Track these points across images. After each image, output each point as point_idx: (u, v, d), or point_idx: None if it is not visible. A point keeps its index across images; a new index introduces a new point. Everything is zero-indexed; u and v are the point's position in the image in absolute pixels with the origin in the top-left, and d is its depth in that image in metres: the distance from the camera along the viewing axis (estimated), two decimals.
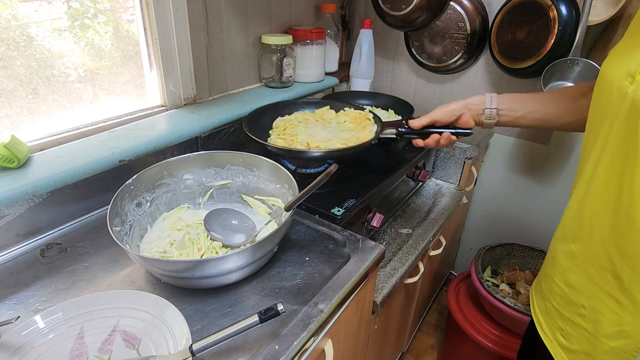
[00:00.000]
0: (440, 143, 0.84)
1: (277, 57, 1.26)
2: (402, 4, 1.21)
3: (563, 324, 0.64)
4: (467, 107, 0.82)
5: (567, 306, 0.63)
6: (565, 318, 0.64)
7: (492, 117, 0.80)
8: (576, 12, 1.15)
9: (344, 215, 0.86)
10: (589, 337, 0.60)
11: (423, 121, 0.84)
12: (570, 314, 0.63)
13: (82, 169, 0.79)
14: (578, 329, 0.62)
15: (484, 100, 0.81)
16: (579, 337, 0.62)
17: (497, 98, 0.80)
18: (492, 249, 1.47)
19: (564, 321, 0.64)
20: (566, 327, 0.64)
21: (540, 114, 0.77)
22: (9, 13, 0.76)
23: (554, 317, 0.67)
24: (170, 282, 0.69)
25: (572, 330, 0.63)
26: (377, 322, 0.99)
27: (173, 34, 1.01)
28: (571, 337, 0.63)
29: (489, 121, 0.81)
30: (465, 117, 0.82)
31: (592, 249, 0.58)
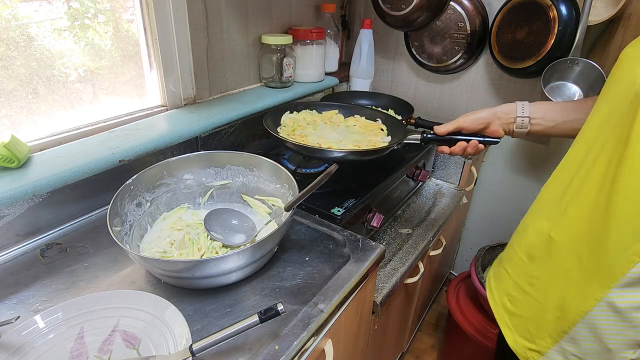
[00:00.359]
0: (467, 151, 0.82)
1: (277, 57, 1.26)
2: (402, 4, 1.21)
3: (513, 290, 0.70)
4: (496, 116, 0.80)
5: (523, 275, 0.68)
6: (517, 285, 0.69)
7: (524, 126, 0.78)
8: (576, 12, 1.15)
9: (344, 215, 0.86)
10: (535, 304, 0.65)
11: (449, 128, 0.82)
12: (523, 283, 0.68)
13: (82, 169, 0.79)
14: (526, 296, 0.67)
15: (515, 109, 0.78)
16: (525, 304, 0.67)
17: (529, 106, 0.77)
18: (492, 249, 1.47)
19: (515, 288, 0.69)
20: (515, 294, 0.70)
21: (577, 124, 0.73)
22: (9, 13, 0.76)
23: (505, 283, 0.72)
24: (170, 282, 0.69)
25: (519, 297, 0.68)
26: (377, 322, 0.99)
27: (173, 34, 1.01)
28: (517, 302, 0.69)
29: (520, 130, 0.78)
30: (494, 126, 0.80)
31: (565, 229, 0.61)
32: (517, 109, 0.78)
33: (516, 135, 0.80)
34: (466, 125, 0.81)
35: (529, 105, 0.78)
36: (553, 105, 0.78)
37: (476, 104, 1.53)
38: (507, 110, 0.79)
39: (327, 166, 1.01)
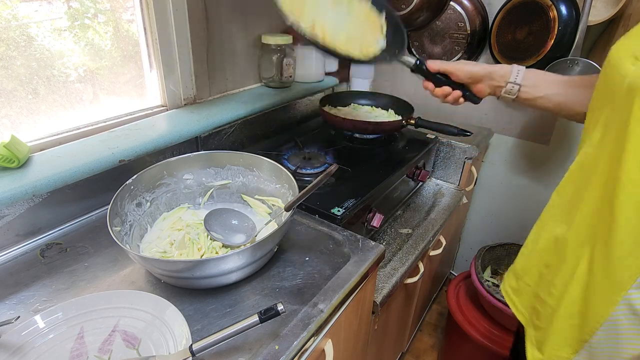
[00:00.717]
0: (447, 98, 0.81)
1: (277, 57, 1.26)
2: (402, 4, 1.21)
3: (536, 303, 0.67)
4: (489, 76, 0.78)
5: (542, 285, 0.65)
6: (538, 297, 0.66)
7: (512, 92, 0.76)
8: (576, 12, 1.15)
9: (344, 215, 0.86)
10: (553, 313, 0.63)
11: (441, 66, 0.80)
12: (543, 293, 0.65)
13: (82, 169, 0.79)
14: (545, 307, 0.64)
15: (509, 73, 0.76)
16: (546, 314, 0.64)
17: (524, 72, 0.75)
18: (492, 249, 1.47)
19: (537, 300, 0.66)
20: (538, 306, 0.66)
21: (562, 98, 0.73)
22: (9, 13, 0.76)
23: (528, 296, 0.69)
24: (170, 282, 0.69)
25: (541, 308, 0.65)
26: (377, 322, 0.99)
27: (173, 34, 1.01)
28: (540, 315, 0.66)
29: (507, 96, 0.77)
30: (482, 85, 0.79)
31: (575, 232, 0.59)
32: (511, 73, 0.76)
33: (501, 98, 0.78)
34: (458, 72, 0.79)
35: (525, 71, 0.76)
36: (545, 75, 0.77)
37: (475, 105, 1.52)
38: (502, 72, 0.77)
39: (327, 166, 1.01)
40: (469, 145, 1.32)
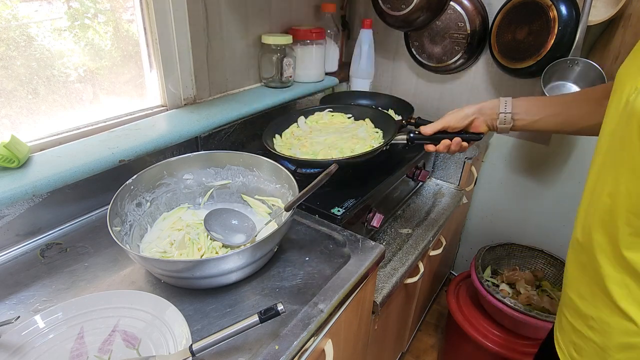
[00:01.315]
0: (451, 149, 0.82)
1: (277, 57, 1.26)
2: (402, 4, 1.21)
3: (576, 338, 0.62)
4: (480, 112, 0.80)
5: (579, 318, 0.61)
6: (577, 331, 0.61)
7: (506, 121, 0.78)
8: (576, 12, 1.15)
9: (344, 215, 0.86)
10: (598, 350, 0.58)
11: (435, 127, 0.83)
12: (582, 327, 0.60)
13: (82, 169, 0.79)
14: (588, 343, 0.59)
15: (498, 105, 0.79)
16: (590, 351, 0.59)
17: (512, 102, 0.78)
18: (492, 249, 1.47)
19: (577, 335, 0.62)
20: (578, 341, 0.61)
21: (560, 118, 0.74)
22: (9, 13, 0.76)
23: (568, 332, 0.64)
24: (170, 282, 0.69)
25: (583, 344, 0.60)
26: (377, 322, 0.99)
27: (173, 33, 1.01)
28: (583, 350, 0.61)
29: (503, 126, 0.79)
30: (478, 122, 0.81)
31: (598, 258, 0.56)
32: (499, 104, 0.78)
33: (500, 130, 0.80)
34: (452, 123, 0.81)
35: (512, 100, 0.78)
36: (537, 99, 0.78)
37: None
38: (490, 106, 0.79)
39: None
40: None
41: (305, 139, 1.06)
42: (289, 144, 1.05)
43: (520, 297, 1.33)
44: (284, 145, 1.04)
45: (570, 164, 1.42)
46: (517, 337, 1.28)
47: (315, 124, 1.15)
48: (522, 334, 1.28)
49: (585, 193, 0.60)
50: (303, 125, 1.14)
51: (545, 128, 0.77)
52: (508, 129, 0.79)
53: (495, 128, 0.81)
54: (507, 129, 0.79)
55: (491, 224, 1.71)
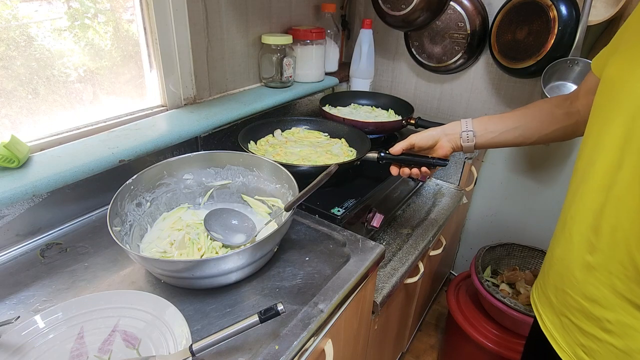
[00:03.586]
0: (413, 172, 0.86)
1: (277, 57, 1.26)
2: (402, 4, 1.21)
3: (585, 340, 0.60)
4: (444, 133, 0.84)
5: (589, 321, 0.59)
6: (587, 334, 0.59)
7: (469, 139, 0.82)
8: (576, 12, 1.15)
9: (344, 215, 0.86)
10: (618, 353, 0.56)
11: (402, 145, 0.86)
12: (594, 330, 0.58)
13: (82, 169, 0.79)
14: (604, 345, 0.57)
15: (459, 125, 0.83)
16: (606, 354, 0.57)
17: (472, 122, 0.82)
18: (492, 249, 1.47)
19: (586, 337, 0.60)
20: (589, 344, 0.59)
21: (518, 131, 0.79)
22: (9, 13, 0.76)
23: (573, 333, 0.63)
24: (170, 282, 0.69)
25: (596, 347, 0.58)
26: (377, 322, 0.99)
27: (173, 34, 1.01)
28: (595, 353, 0.59)
29: (467, 144, 0.83)
30: (443, 142, 0.84)
31: (616, 260, 0.54)
32: (461, 124, 0.83)
33: (465, 149, 0.84)
34: (417, 141, 0.84)
35: (472, 120, 0.83)
36: (494, 117, 0.83)
37: (476, 104, 1.53)
38: (452, 126, 0.84)
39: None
40: None
41: (280, 148, 1.08)
42: (262, 150, 1.07)
43: (520, 297, 1.33)
44: (258, 151, 1.06)
45: (570, 164, 1.42)
46: (517, 337, 1.28)
47: (291, 136, 1.17)
48: (522, 334, 1.27)
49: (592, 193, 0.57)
50: (279, 136, 1.15)
51: (505, 142, 0.82)
52: (472, 147, 0.83)
53: (460, 147, 0.85)
54: (472, 147, 0.83)
55: (491, 224, 1.71)
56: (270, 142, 1.11)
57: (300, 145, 1.11)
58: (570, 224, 0.61)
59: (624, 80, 0.54)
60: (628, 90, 0.52)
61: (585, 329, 0.60)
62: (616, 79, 0.55)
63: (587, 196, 0.58)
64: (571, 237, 0.61)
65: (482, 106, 1.52)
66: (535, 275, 1.42)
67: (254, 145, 1.08)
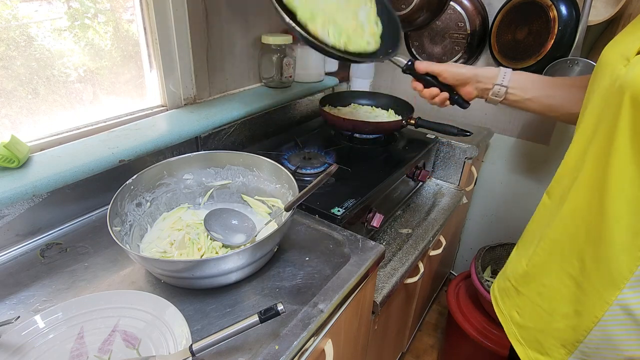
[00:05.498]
0: (434, 100, 0.81)
1: (277, 57, 1.26)
2: (402, 4, 1.21)
3: (520, 302, 0.68)
4: (476, 78, 0.78)
5: (528, 284, 0.67)
6: (523, 296, 0.68)
7: (499, 95, 0.77)
8: (576, 12, 1.15)
9: (344, 215, 0.86)
10: (543, 314, 0.63)
11: (429, 68, 0.80)
12: (529, 292, 0.66)
13: (82, 169, 0.79)
14: (534, 307, 0.65)
15: (496, 75, 0.76)
16: (534, 315, 0.65)
17: (510, 75, 0.76)
18: (492, 249, 1.47)
19: (522, 299, 0.68)
20: (523, 305, 0.68)
21: (552, 100, 0.73)
22: (9, 13, 0.76)
23: (512, 296, 0.70)
24: (170, 282, 0.69)
25: (528, 308, 0.66)
26: (377, 322, 0.99)
27: (173, 34, 1.01)
28: (525, 313, 0.67)
29: (494, 98, 0.77)
30: (470, 87, 0.79)
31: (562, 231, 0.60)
32: (498, 75, 0.76)
33: (489, 101, 0.79)
34: (445, 74, 0.79)
35: (511, 73, 0.76)
36: (534, 77, 0.77)
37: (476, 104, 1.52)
38: (489, 74, 0.77)
39: (327, 166, 1.01)
40: (469, 145, 1.32)
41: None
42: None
43: None
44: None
45: None
46: None
47: None
48: None
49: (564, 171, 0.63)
50: None
51: (533, 108, 0.77)
52: (498, 101, 0.78)
53: (485, 97, 0.80)
54: (497, 102, 0.78)
55: (491, 224, 1.71)
56: None
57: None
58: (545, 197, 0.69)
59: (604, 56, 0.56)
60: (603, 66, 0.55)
61: (523, 291, 0.68)
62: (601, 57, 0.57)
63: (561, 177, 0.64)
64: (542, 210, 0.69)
65: (482, 106, 1.52)
66: None
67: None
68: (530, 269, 0.67)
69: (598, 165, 0.53)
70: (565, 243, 0.60)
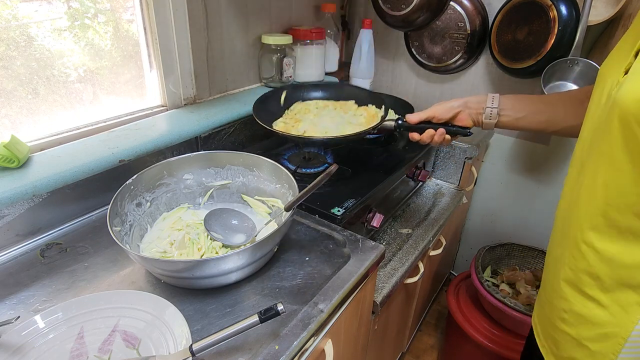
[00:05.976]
0: (434, 139, 0.82)
1: (277, 57, 1.26)
2: (402, 4, 1.21)
3: (553, 332, 0.62)
4: (466, 105, 0.81)
5: (553, 311, 0.61)
6: (553, 325, 0.62)
7: (492, 116, 0.78)
8: (576, 12, 1.15)
9: (344, 215, 0.86)
10: (572, 342, 0.58)
11: (421, 116, 0.83)
12: (556, 320, 0.61)
13: (82, 169, 0.79)
14: (563, 336, 0.60)
15: (485, 99, 0.79)
16: (566, 344, 0.60)
17: (499, 98, 0.78)
18: (492, 249, 1.47)
19: (553, 329, 0.62)
20: (555, 335, 0.62)
21: (544, 116, 0.75)
22: (9, 13, 0.76)
23: (546, 326, 0.65)
24: (171, 282, 0.69)
25: (559, 338, 0.61)
26: (377, 322, 0.99)
27: (173, 34, 1.01)
28: (559, 344, 0.61)
29: (488, 121, 0.79)
30: (463, 115, 0.81)
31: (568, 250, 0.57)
32: (487, 99, 0.78)
33: (485, 126, 0.80)
34: (437, 113, 0.82)
35: (500, 97, 0.78)
36: (523, 97, 0.78)
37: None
38: (477, 100, 0.80)
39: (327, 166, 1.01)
40: (469, 145, 1.32)
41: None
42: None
43: (520, 297, 1.33)
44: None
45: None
46: (517, 337, 1.28)
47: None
48: (522, 334, 1.27)
49: (565, 189, 0.61)
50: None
51: (528, 126, 0.78)
52: (493, 124, 0.79)
53: (480, 123, 0.81)
54: (492, 125, 0.79)
55: (491, 224, 1.71)
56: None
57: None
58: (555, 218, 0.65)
59: (601, 73, 0.56)
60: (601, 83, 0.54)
61: (552, 320, 0.62)
62: (599, 73, 0.57)
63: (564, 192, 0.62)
64: (553, 230, 0.64)
65: None
66: (535, 275, 1.43)
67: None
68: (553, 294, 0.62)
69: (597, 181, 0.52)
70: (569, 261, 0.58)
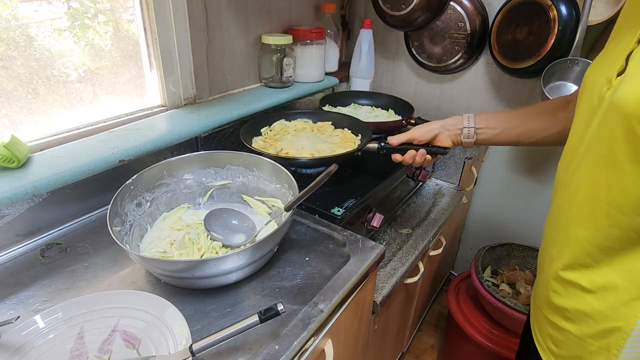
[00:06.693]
0: (416, 160, 0.86)
1: (277, 57, 1.26)
2: (402, 4, 1.21)
3: (552, 331, 0.63)
4: (444, 127, 0.85)
5: (553, 312, 0.62)
6: (553, 324, 0.62)
7: (470, 135, 0.83)
8: (576, 12, 1.15)
9: (344, 215, 0.86)
10: (576, 340, 0.59)
11: (401, 138, 0.87)
12: (558, 319, 0.61)
13: (82, 169, 0.79)
14: (565, 334, 0.60)
15: (461, 120, 0.83)
16: (568, 342, 0.60)
17: (474, 117, 0.82)
18: (492, 249, 1.47)
19: (553, 328, 0.62)
20: (555, 334, 0.62)
21: (519, 130, 0.79)
22: (9, 13, 0.76)
23: (544, 325, 0.65)
24: (170, 282, 0.69)
25: (560, 336, 0.61)
26: (377, 322, 0.99)
27: (173, 34, 1.01)
28: (560, 343, 0.62)
29: (467, 140, 0.83)
30: (442, 136, 0.85)
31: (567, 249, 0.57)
32: (463, 120, 0.83)
33: (465, 145, 0.85)
34: (417, 136, 0.86)
35: (474, 116, 0.83)
36: (497, 114, 0.83)
37: (476, 104, 1.53)
38: (453, 121, 0.84)
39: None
40: None
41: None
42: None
43: (520, 297, 1.33)
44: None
45: None
46: (517, 337, 1.27)
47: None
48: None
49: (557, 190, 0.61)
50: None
51: (504, 141, 0.82)
52: (472, 142, 0.84)
53: (460, 143, 0.85)
54: (472, 143, 0.84)
55: (491, 224, 1.71)
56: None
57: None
58: (547, 217, 0.65)
59: (588, 76, 0.56)
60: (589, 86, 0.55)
61: (552, 319, 0.63)
62: (585, 77, 0.57)
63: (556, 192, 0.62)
64: (545, 231, 0.65)
65: (482, 106, 1.52)
66: (535, 275, 1.42)
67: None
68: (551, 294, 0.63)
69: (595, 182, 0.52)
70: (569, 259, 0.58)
